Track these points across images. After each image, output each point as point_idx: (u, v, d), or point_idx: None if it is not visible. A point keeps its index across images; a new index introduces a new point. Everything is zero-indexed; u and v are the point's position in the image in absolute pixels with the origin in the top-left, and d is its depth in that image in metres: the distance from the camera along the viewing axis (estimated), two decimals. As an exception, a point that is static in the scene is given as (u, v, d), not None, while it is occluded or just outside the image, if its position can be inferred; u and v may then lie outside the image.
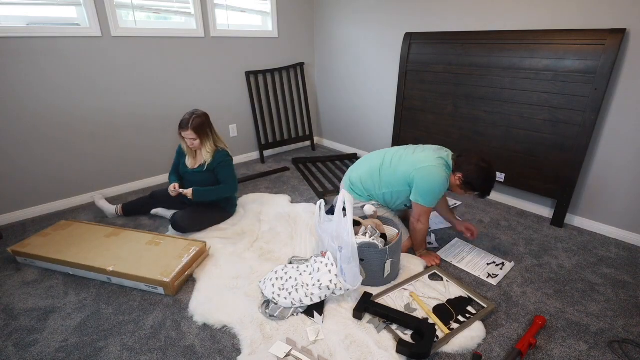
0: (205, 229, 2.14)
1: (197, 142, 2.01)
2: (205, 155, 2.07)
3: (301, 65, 3.51)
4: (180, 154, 2.18)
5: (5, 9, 2.08)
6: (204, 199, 2.07)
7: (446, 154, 1.78)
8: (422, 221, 1.79)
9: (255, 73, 3.21)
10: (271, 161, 3.42)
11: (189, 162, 2.13)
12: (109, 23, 2.35)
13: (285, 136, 3.58)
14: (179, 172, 2.20)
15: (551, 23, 2.07)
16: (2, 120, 2.13)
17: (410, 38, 2.69)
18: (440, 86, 2.60)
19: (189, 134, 1.97)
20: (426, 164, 1.71)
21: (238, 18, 3.05)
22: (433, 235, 2.09)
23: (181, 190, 2.04)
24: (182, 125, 1.96)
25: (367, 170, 1.90)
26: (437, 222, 2.24)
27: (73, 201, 2.51)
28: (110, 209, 2.31)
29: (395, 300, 1.58)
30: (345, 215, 1.49)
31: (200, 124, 1.98)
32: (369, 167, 1.90)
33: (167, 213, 2.25)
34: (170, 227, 2.13)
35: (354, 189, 1.93)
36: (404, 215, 2.16)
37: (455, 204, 2.51)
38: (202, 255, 1.84)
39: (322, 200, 1.72)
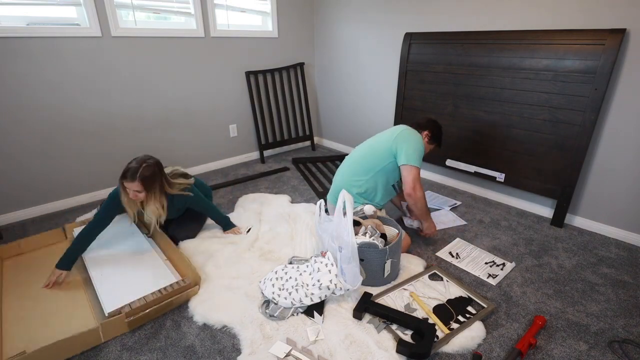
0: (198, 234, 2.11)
1: (142, 195, 1.66)
2: (152, 212, 1.74)
3: (301, 65, 3.51)
4: (116, 205, 1.74)
5: (5, 9, 2.08)
6: (226, 221, 2.11)
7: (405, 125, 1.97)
8: (418, 187, 1.80)
9: (255, 73, 3.21)
10: (271, 161, 3.42)
11: (150, 212, 1.76)
12: (109, 23, 2.35)
13: (285, 136, 3.58)
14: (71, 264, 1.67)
15: (551, 23, 2.07)
16: (2, 120, 2.13)
17: (410, 38, 2.70)
18: (440, 86, 2.60)
19: (134, 186, 1.61)
20: (402, 128, 1.90)
21: (238, 18, 3.05)
22: (416, 222, 2.10)
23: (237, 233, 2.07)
24: (127, 175, 1.59)
25: (345, 171, 1.96)
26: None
27: (73, 201, 2.51)
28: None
29: (395, 300, 1.58)
30: (345, 215, 1.49)
31: (152, 175, 1.64)
32: (344, 169, 1.98)
33: None
34: None
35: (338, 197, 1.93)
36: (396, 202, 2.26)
37: (455, 203, 2.51)
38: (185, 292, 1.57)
39: (322, 200, 1.72)
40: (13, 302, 1.56)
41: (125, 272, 1.69)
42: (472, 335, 1.38)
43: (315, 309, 1.50)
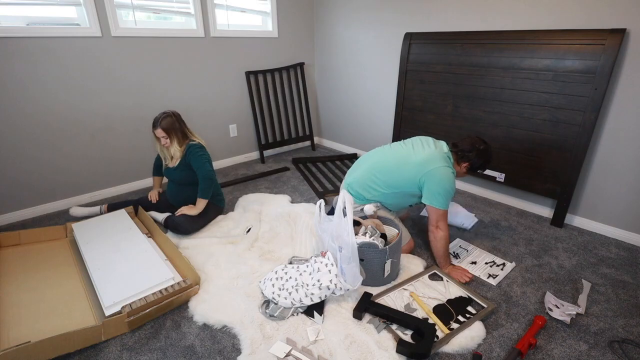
0: (204, 228, 2.16)
1: (168, 140, 2.07)
2: (175, 152, 2.12)
3: (301, 65, 3.51)
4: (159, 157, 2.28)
5: (5, 9, 2.08)
6: (209, 194, 2.14)
7: (446, 147, 1.80)
8: (442, 227, 1.71)
9: (255, 73, 3.21)
10: (271, 161, 3.42)
11: (170, 162, 2.18)
12: (109, 23, 2.35)
13: (285, 136, 3.58)
14: (162, 172, 2.30)
15: (551, 23, 2.07)
16: (2, 120, 2.13)
17: (410, 38, 2.69)
18: (440, 86, 2.60)
19: (159, 132, 2.04)
20: (435, 165, 1.71)
21: (238, 18, 3.05)
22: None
23: (188, 212, 2.11)
24: (154, 124, 2.04)
25: (364, 173, 1.87)
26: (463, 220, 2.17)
27: (73, 201, 2.50)
28: (94, 210, 2.31)
29: (395, 300, 1.58)
30: (345, 215, 1.49)
31: (170, 123, 2.05)
32: (366, 168, 1.88)
33: (159, 216, 2.23)
34: (168, 230, 2.14)
35: (351, 193, 1.91)
36: (402, 217, 2.16)
37: (474, 220, 2.24)
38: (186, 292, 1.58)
39: (322, 200, 1.72)
40: (11, 293, 1.56)
41: (126, 272, 1.69)
42: (472, 335, 1.38)
43: (315, 309, 1.50)
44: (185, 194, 2.20)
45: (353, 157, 3.46)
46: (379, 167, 1.83)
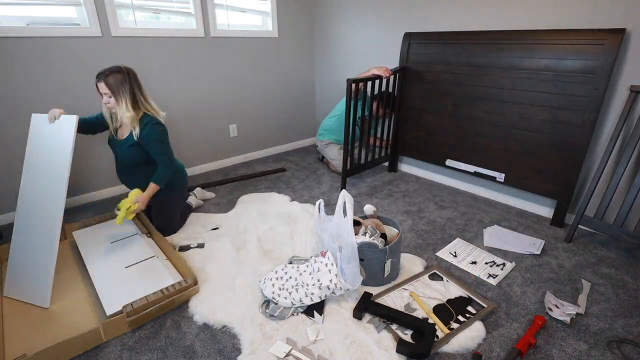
0: (186, 221, 2.19)
1: (112, 100, 1.70)
2: (124, 117, 1.73)
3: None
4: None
5: (5, 9, 2.08)
6: (164, 182, 1.87)
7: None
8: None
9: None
10: (271, 161, 3.42)
11: (119, 132, 1.84)
12: (109, 23, 2.35)
13: (286, 136, 3.59)
14: (92, 130, 1.91)
15: (550, 23, 2.07)
16: (2, 120, 2.13)
17: (409, 38, 2.69)
18: (440, 86, 2.59)
19: (102, 87, 1.67)
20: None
21: (238, 18, 3.05)
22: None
23: (134, 210, 1.82)
24: (97, 76, 1.66)
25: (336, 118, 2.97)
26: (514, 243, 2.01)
27: (73, 201, 2.51)
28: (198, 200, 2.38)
29: (395, 300, 1.58)
30: (345, 215, 1.49)
31: (119, 80, 1.67)
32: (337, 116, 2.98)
33: None
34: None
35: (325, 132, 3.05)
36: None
37: (539, 244, 2.01)
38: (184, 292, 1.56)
39: (321, 200, 1.72)
40: (13, 304, 1.56)
41: (126, 272, 1.69)
42: (472, 335, 1.38)
43: (315, 308, 1.50)
44: (135, 176, 1.91)
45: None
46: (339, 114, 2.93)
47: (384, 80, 2.61)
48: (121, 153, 1.87)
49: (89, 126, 1.90)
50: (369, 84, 2.56)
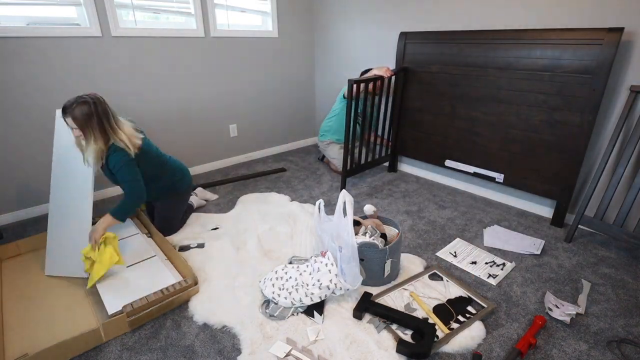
0: (188, 220, 2.21)
1: (81, 135, 1.59)
2: (91, 154, 1.61)
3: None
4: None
5: (5, 9, 2.08)
6: (125, 214, 1.73)
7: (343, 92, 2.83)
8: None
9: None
10: (271, 161, 3.42)
11: (89, 155, 1.65)
12: (109, 23, 2.35)
13: (286, 136, 3.59)
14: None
15: (548, 22, 2.06)
16: (2, 120, 2.13)
17: (405, 38, 2.68)
18: (437, 87, 2.58)
19: (70, 122, 1.55)
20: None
21: (238, 18, 3.05)
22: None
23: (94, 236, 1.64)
24: (63, 110, 1.54)
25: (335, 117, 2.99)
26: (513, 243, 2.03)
27: (73, 201, 2.50)
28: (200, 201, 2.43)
29: (395, 300, 1.58)
30: (345, 215, 1.49)
31: (86, 115, 1.54)
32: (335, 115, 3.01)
33: None
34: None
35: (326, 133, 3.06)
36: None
37: (540, 243, 2.02)
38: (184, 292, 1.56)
39: (321, 200, 1.72)
40: (13, 304, 1.56)
41: (126, 272, 1.69)
42: (472, 335, 1.38)
43: (315, 308, 1.50)
44: (147, 193, 1.82)
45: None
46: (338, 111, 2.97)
47: (386, 80, 2.62)
48: (113, 181, 1.80)
49: None
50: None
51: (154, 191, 1.95)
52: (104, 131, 1.61)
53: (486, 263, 1.85)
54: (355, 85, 2.36)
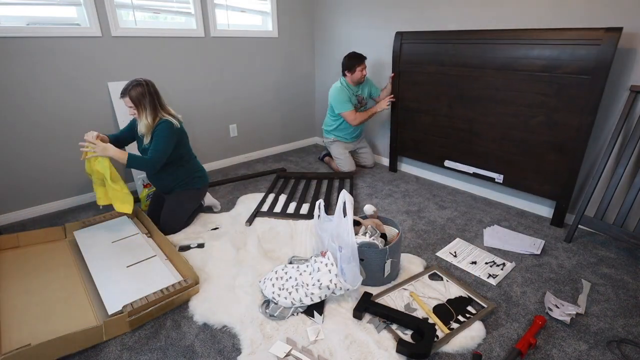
0: (193, 221, 2.21)
1: (136, 112, 1.90)
2: (142, 127, 1.92)
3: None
4: (133, 125, 2.07)
5: (5, 9, 2.08)
6: (133, 162, 1.90)
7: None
8: (356, 122, 2.82)
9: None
10: (271, 161, 3.42)
11: (145, 138, 1.98)
12: (109, 23, 2.35)
13: (286, 136, 3.59)
14: (122, 141, 2.08)
15: (546, 22, 2.06)
16: (2, 120, 2.13)
17: (401, 37, 2.66)
18: (434, 87, 2.57)
19: (127, 102, 1.87)
20: (330, 91, 2.92)
21: (238, 18, 3.05)
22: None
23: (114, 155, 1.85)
24: (122, 92, 1.86)
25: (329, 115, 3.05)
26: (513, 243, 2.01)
27: (73, 201, 2.51)
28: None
29: (395, 300, 1.58)
30: (345, 215, 1.49)
31: (140, 93, 1.86)
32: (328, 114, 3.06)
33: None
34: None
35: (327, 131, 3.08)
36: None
37: (541, 243, 2.03)
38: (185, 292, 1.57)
39: (321, 200, 1.72)
40: (11, 296, 1.56)
41: (126, 272, 1.69)
42: (472, 335, 1.38)
43: (315, 308, 1.50)
44: (163, 176, 2.05)
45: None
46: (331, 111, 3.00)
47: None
48: (141, 151, 2.03)
49: (118, 143, 2.03)
50: (367, 75, 2.86)
51: (171, 177, 2.07)
52: (154, 108, 1.91)
53: (486, 263, 1.85)
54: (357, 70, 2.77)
